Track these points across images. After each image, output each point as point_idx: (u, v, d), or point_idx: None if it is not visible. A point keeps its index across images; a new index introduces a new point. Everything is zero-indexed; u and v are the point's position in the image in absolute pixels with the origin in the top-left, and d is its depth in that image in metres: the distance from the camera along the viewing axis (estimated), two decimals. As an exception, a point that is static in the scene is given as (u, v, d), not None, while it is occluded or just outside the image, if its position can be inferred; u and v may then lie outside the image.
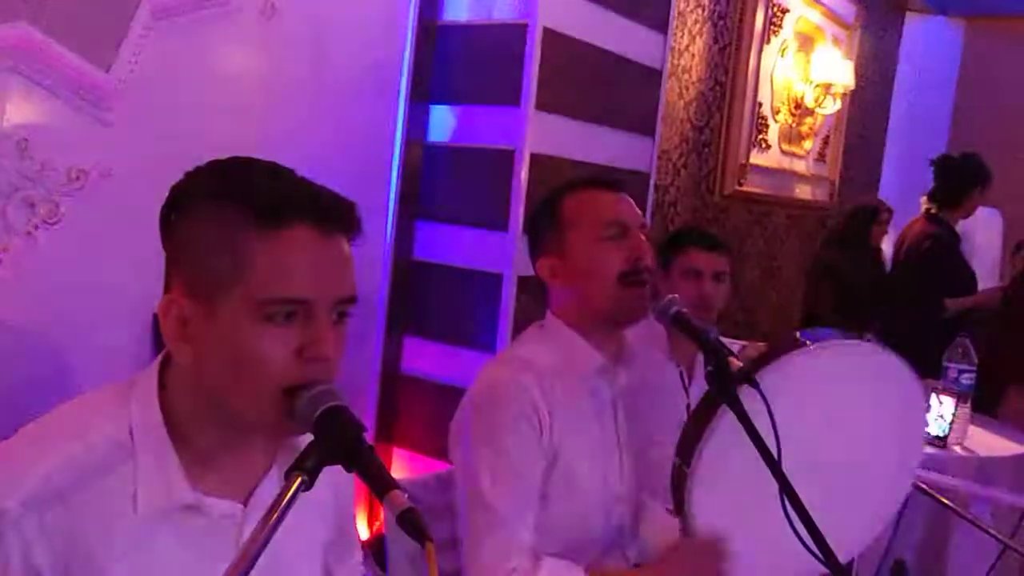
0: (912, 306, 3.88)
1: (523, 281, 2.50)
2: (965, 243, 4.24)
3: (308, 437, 0.99)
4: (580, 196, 1.70)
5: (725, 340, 2.29)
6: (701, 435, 1.48)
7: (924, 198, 4.08)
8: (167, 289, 1.04)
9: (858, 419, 1.56)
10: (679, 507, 1.52)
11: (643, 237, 1.66)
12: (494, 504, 1.54)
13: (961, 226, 4.10)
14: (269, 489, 1.09)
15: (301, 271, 0.99)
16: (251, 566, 0.88)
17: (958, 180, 3.94)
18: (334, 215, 1.03)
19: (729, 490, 1.50)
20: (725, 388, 1.44)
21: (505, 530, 1.54)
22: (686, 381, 2.29)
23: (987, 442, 2.87)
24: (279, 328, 0.99)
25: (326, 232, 1.01)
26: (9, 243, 1.65)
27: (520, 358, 1.67)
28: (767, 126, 4.66)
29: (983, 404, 3.07)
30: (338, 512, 1.24)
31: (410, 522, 0.88)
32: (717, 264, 2.32)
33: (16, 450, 1.02)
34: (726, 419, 1.45)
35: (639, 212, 1.71)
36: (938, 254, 3.89)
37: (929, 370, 3.29)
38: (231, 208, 0.99)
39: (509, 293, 2.52)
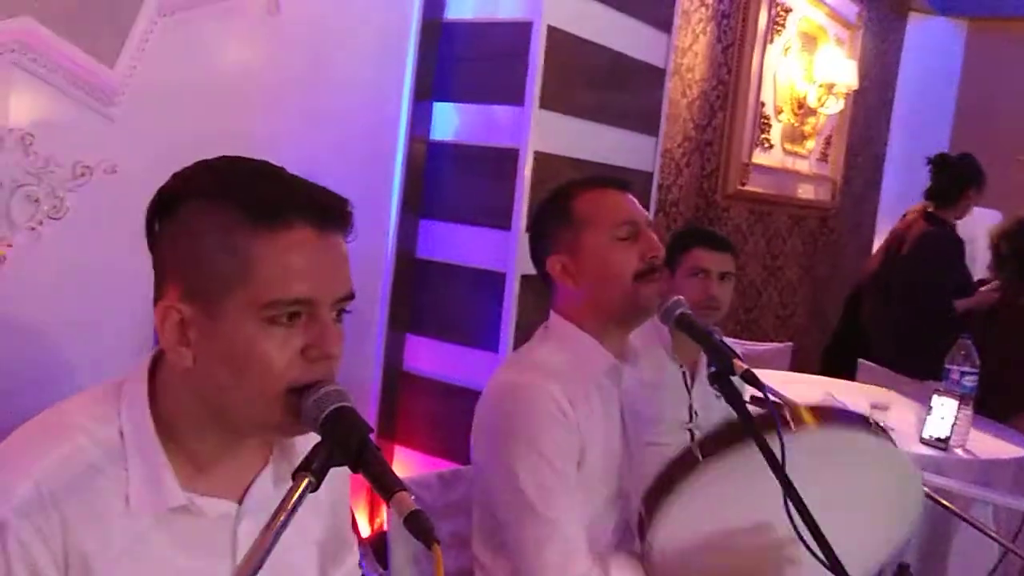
0: (920, 306, 3.87)
1: (526, 280, 2.49)
2: (968, 244, 4.24)
3: (303, 436, 1.00)
4: (592, 195, 1.69)
5: (728, 341, 2.29)
6: (668, 491, 1.46)
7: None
8: (160, 295, 1.02)
9: (850, 498, 1.53)
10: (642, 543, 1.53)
11: (653, 235, 1.67)
12: (545, 511, 1.53)
13: (963, 227, 4.10)
14: (263, 488, 1.09)
15: (304, 272, 0.99)
16: (259, 567, 0.88)
17: (955, 179, 3.95)
18: (332, 213, 1.03)
19: (694, 545, 1.50)
20: (735, 401, 1.43)
21: (563, 538, 1.53)
22: (689, 381, 2.29)
23: (989, 444, 2.87)
24: (283, 329, 0.98)
25: (325, 231, 1.01)
26: (13, 238, 1.65)
27: (534, 362, 1.66)
28: (770, 126, 4.65)
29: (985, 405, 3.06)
30: (334, 510, 1.24)
31: (417, 524, 0.88)
32: (724, 264, 2.33)
33: (6, 456, 1.01)
34: (699, 480, 1.44)
35: (645, 211, 1.72)
36: (949, 258, 3.89)
37: (931, 370, 3.30)
38: (229, 209, 0.99)
39: (512, 291, 2.52)
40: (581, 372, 1.64)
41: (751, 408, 1.44)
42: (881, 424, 1.53)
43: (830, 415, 1.50)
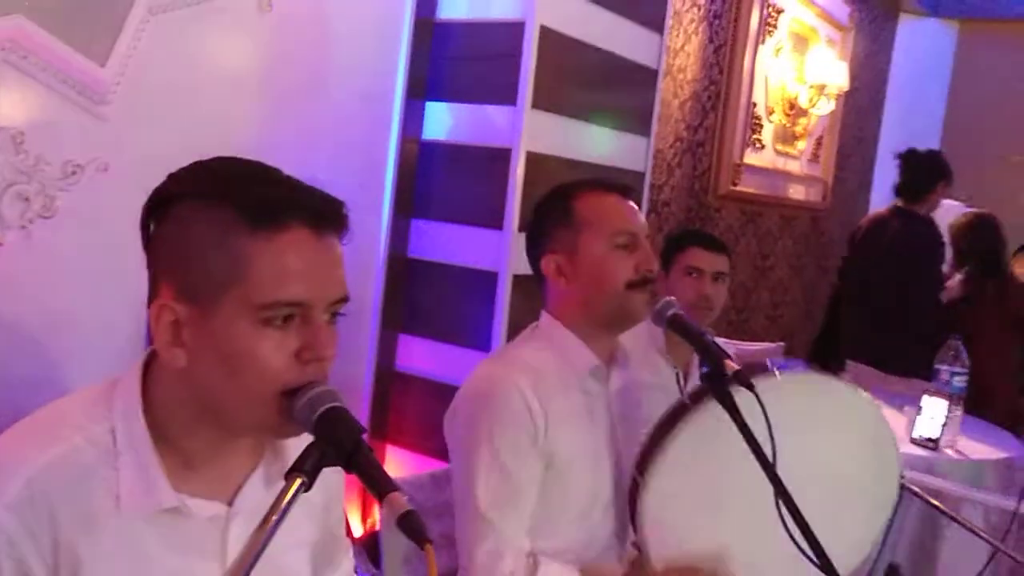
0: (910, 303, 3.89)
1: (518, 279, 2.50)
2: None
3: (295, 438, 1.00)
4: (594, 198, 1.70)
5: (719, 340, 2.30)
6: (657, 448, 1.50)
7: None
8: (154, 295, 1.02)
9: (827, 450, 1.58)
10: (632, 518, 1.56)
11: (649, 248, 1.68)
12: (485, 511, 1.55)
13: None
14: (253, 489, 1.09)
15: (299, 274, 0.99)
16: (251, 567, 0.88)
17: (923, 175, 3.98)
18: (328, 215, 1.03)
19: (685, 503, 1.53)
20: (720, 387, 1.45)
21: (497, 536, 1.55)
22: (682, 382, 2.29)
23: (978, 445, 2.88)
24: (277, 331, 0.98)
25: (320, 233, 1.01)
26: (3, 238, 1.64)
27: (516, 358, 1.67)
28: (761, 126, 4.66)
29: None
30: (327, 511, 1.24)
31: (410, 525, 0.88)
32: (718, 264, 2.34)
33: None
34: (684, 433, 1.48)
35: (645, 222, 1.72)
36: (934, 253, 3.92)
37: (916, 367, 3.31)
38: (224, 210, 0.99)
39: (504, 291, 2.52)
40: (563, 371, 1.65)
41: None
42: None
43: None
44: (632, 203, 1.72)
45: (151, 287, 1.03)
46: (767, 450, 1.39)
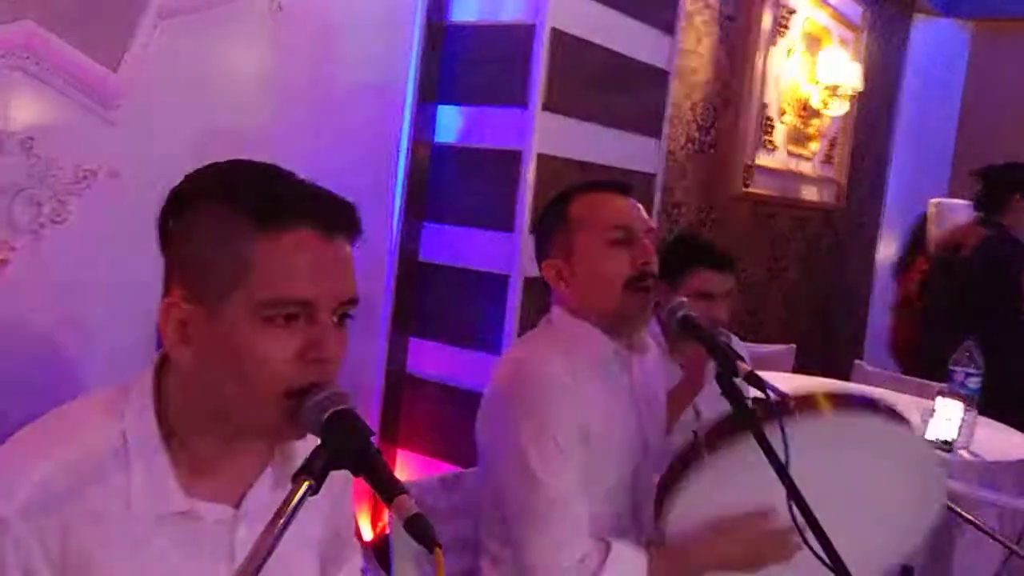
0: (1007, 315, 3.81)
1: (529, 282, 2.50)
2: None
3: (304, 441, 0.99)
4: (587, 198, 1.69)
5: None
6: (675, 484, 1.49)
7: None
8: (166, 293, 1.03)
9: (868, 488, 1.52)
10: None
11: (648, 243, 1.66)
12: (558, 494, 1.54)
13: None
14: (261, 492, 1.09)
15: (303, 272, 0.99)
16: (259, 569, 0.87)
17: (998, 186, 3.91)
18: (336, 216, 1.02)
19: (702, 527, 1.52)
20: (739, 402, 1.43)
21: (567, 518, 1.54)
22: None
23: (994, 446, 2.86)
24: (280, 330, 0.98)
25: (328, 233, 1.01)
26: (15, 242, 1.65)
27: (544, 345, 1.67)
28: (773, 128, 4.64)
29: None
30: (335, 513, 1.23)
31: (418, 528, 0.88)
32: (727, 283, 2.23)
33: (10, 457, 1.01)
34: (704, 474, 1.45)
35: (646, 217, 1.70)
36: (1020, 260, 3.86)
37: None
38: (232, 211, 0.99)
39: (515, 294, 2.52)
40: (587, 358, 1.64)
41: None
42: (898, 411, 1.51)
43: (842, 400, 1.50)
44: (631, 199, 1.70)
45: (164, 285, 1.04)
46: (789, 471, 1.35)
